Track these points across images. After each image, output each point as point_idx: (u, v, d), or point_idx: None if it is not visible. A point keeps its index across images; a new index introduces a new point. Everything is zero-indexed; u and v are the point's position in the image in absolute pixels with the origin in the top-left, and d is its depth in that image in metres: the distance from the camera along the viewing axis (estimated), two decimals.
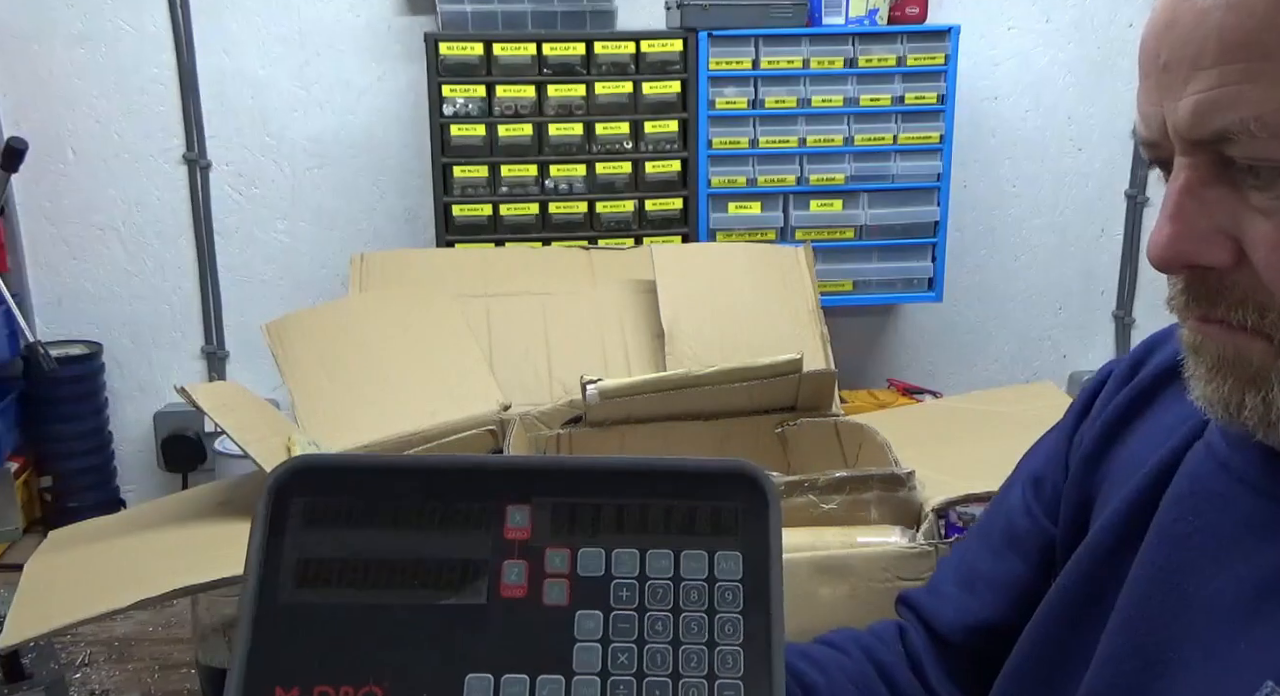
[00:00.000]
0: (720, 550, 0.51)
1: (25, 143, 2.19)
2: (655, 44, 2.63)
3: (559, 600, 0.50)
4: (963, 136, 2.88)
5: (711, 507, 0.52)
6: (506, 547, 0.51)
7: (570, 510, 0.52)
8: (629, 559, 0.51)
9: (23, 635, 1.04)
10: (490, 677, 0.48)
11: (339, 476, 0.52)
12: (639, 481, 0.52)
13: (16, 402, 2.71)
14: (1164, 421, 0.66)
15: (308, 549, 0.50)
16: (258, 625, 0.49)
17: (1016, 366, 3.30)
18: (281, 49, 2.84)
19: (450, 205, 2.63)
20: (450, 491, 0.52)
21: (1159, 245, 0.50)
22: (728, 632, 0.49)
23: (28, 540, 2.69)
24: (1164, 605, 0.57)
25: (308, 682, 0.48)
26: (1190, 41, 0.48)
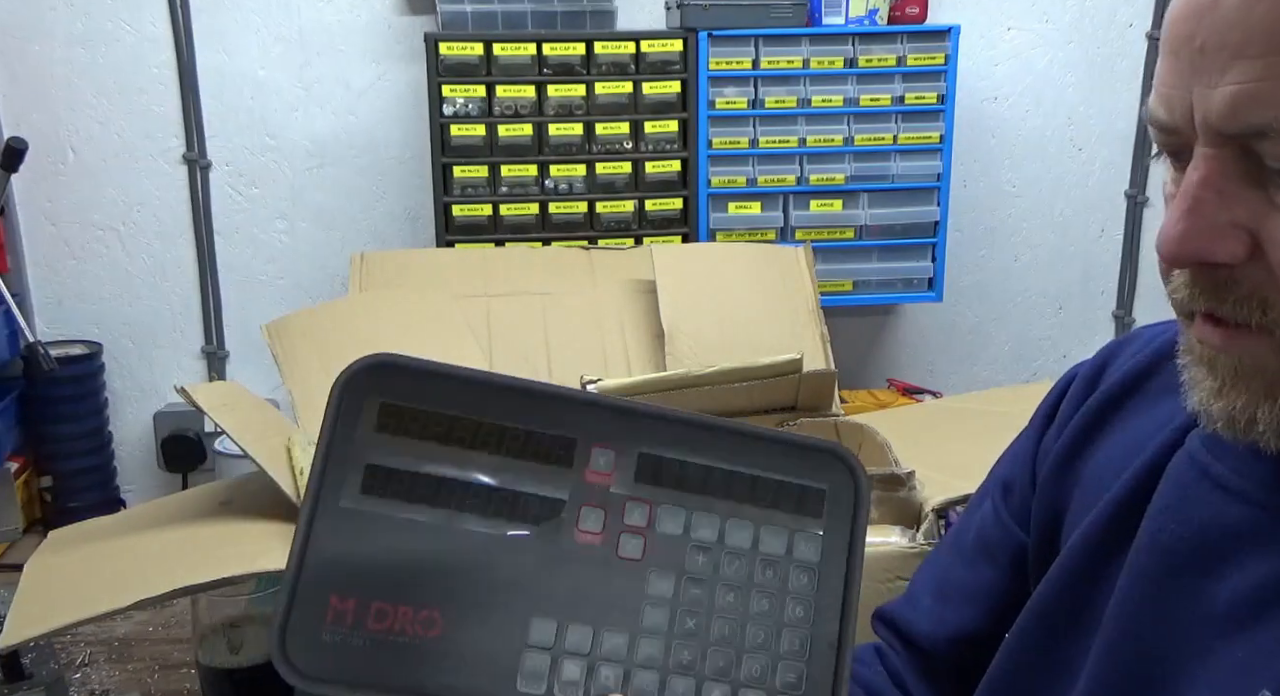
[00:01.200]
0: (801, 530, 0.49)
1: (25, 143, 2.19)
2: (655, 44, 2.63)
3: (633, 554, 0.47)
4: (963, 136, 2.88)
5: (800, 485, 0.50)
6: (586, 491, 0.48)
7: (656, 462, 0.49)
8: (708, 523, 0.48)
9: (23, 635, 1.04)
10: (555, 624, 0.46)
11: (419, 381, 0.48)
12: (731, 444, 0.50)
13: (16, 402, 2.71)
14: (1135, 428, 0.66)
15: (376, 454, 0.47)
16: (317, 525, 0.46)
17: (1016, 366, 3.30)
18: (281, 49, 2.84)
19: (450, 205, 2.63)
20: (537, 418, 0.48)
21: (1173, 239, 0.48)
22: (797, 615, 0.48)
23: (28, 540, 2.69)
24: (1157, 616, 0.57)
25: (365, 596, 0.45)
26: (1236, 27, 0.45)
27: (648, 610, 0.47)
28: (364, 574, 0.46)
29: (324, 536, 0.46)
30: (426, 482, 0.47)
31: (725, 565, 0.48)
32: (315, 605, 0.45)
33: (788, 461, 0.50)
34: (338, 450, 0.47)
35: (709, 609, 0.47)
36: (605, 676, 0.46)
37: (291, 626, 0.45)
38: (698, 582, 0.48)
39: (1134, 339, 0.72)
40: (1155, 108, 0.51)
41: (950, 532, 0.82)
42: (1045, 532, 0.70)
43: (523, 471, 0.48)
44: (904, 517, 1.17)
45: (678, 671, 0.47)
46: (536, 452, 0.48)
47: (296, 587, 0.45)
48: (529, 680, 0.46)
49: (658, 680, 0.47)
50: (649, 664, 0.47)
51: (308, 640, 0.45)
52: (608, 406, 0.49)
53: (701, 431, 0.50)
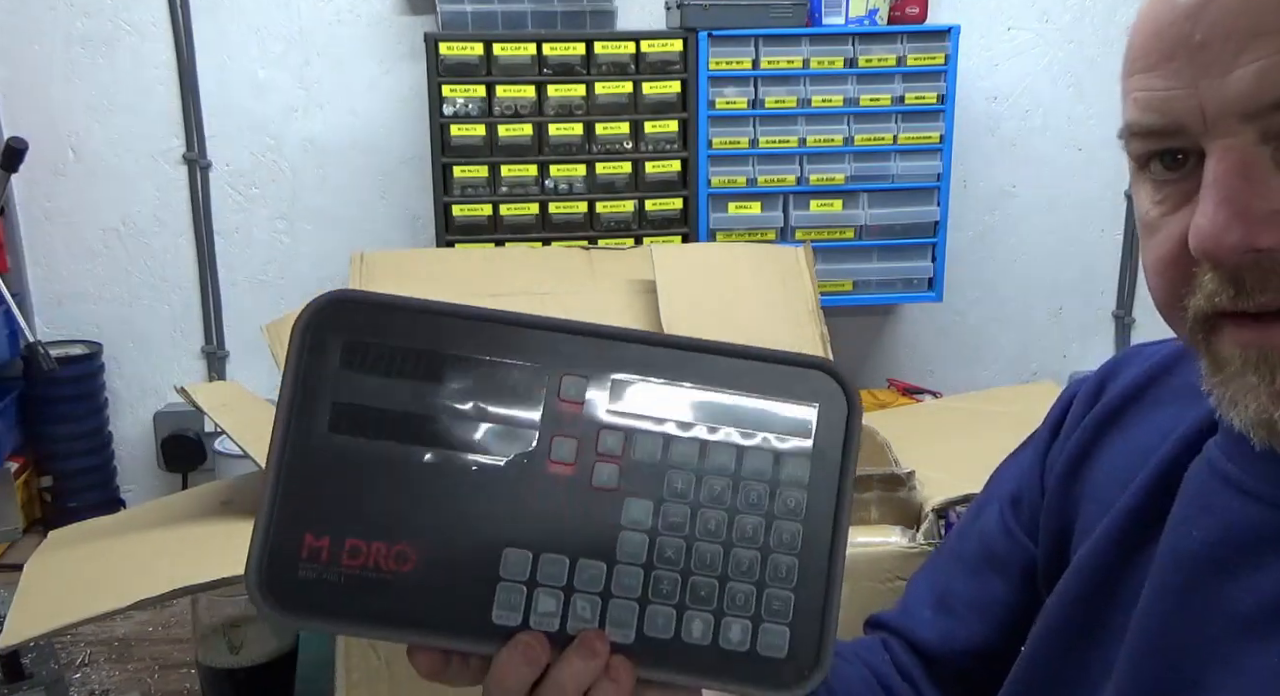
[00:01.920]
0: (788, 452, 0.47)
1: (25, 143, 2.19)
2: (655, 44, 2.62)
3: (609, 483, 0.46)
4: (963, 136, 2.88)
5: (786, 405, 0.47)
6: (558, 419, 0.47)
7: (630, 387, 0.47)
8: (688, 448, 0.46)
9: (23, 635, 1.04)
10: (529, 555, 0.45)
11: (381, 315, 0.47)
12: (710, 364, 0.47)
13: (16, 402, 2.71)
14: (1135, 438, 0.65)
15: (343, 391, 0.46)
16: (288, 466, 0.46)
17: (1016, 366, 3.30)
18: (281, 49, 2.83)
19: (450, 205, 2.63)
20: (504, 347, 0.47)
21: (1215, 230, 0.47)
22: (784, 541, 0.46)
23: (28, 540, 2.69)
24: (1184, 625, 0.56)
25: (339, 533, 0.45)
26: (1241, 14, 0.46)
27: (624, 538, 0.46)
28: (336, 511, 0.45)
29: (295, 475, 0.46)
30: (394, 418, 0.46)
31: (706, 489, 0.46)
32: (290, 543, 0.45)
33: (773, 379, 0.47)
34: (304, 389, 0.46)
35: (690, 535, 0.46)
36: (582, 607, 0.45)
37: (268, 564, 0.45)
38: (677, 508, 0.46)
39: (1134, 356, 0.72)
40: (1144, 115, 0.51)
41: (947, 544, 0.81)
42: (1055, 544, 0.69)
43: (491, 402, 0.46)
44: (904, 518, 1.17)
45: (658, 600, 0.46)
46: (505, 383, 0.47)
47: (271, 526, 0.45)
48: (504, 611, 0.45)
49: (636, 610, 0.46)
50: (628, 593, 0.46)
51: (285, 577, 0.45)
52: (577, 331, 0.48)
53: (677, 353, 0.48)
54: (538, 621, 0.45)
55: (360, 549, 0.45)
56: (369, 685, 0.96)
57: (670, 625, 0.46)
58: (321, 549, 0.45)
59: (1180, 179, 0.51)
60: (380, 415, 0.46)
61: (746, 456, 0.46)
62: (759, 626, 0.46)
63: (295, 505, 0.45)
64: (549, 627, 0.45)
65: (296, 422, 0.46)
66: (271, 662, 1.07)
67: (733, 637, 0.45)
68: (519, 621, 0.45)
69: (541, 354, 0.47)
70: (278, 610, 0.45)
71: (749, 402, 0.47)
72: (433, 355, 0.47)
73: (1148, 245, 0.54)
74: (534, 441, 0.46)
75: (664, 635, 0.46)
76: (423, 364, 0.47)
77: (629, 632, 0.46)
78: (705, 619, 0.45)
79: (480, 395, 0.46)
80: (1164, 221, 0.52)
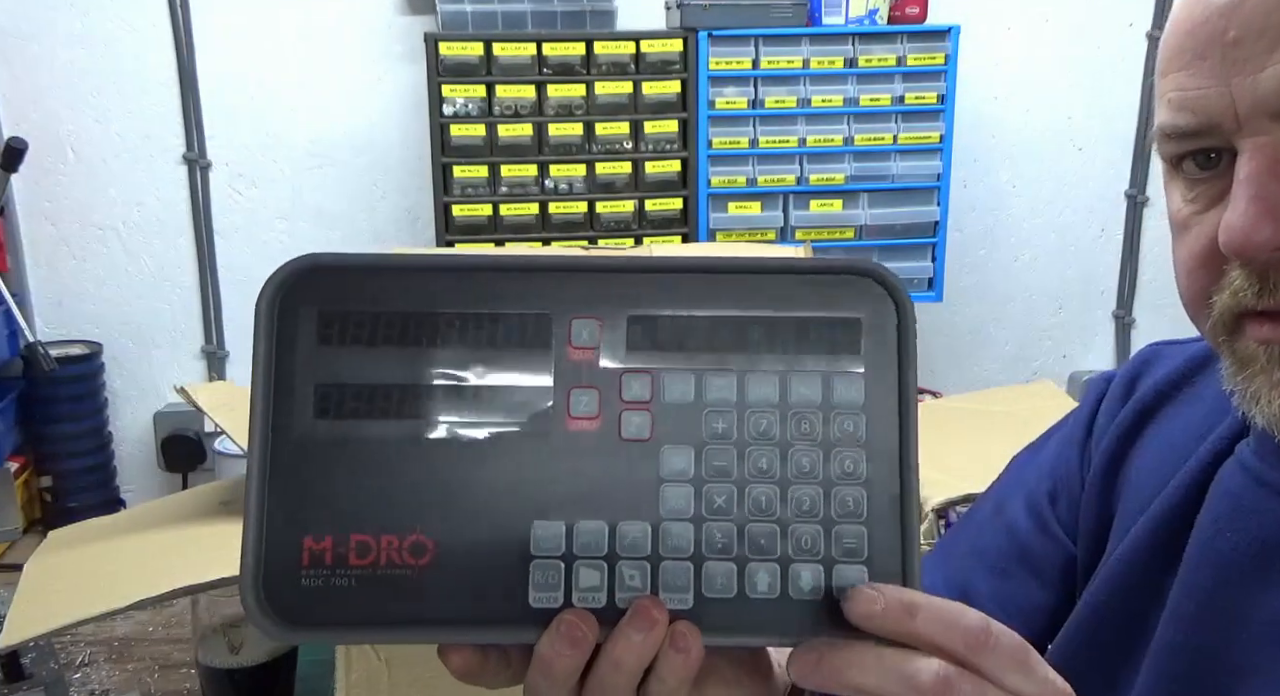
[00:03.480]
0: (838, 371, 0.42)
1: (25, 143, 2.19)
2: (655, 44, 2.63)
3: (640, 434, 0.41)
4: (963, 136, 2.88)
5: (828, 319, 0.42)
6: (573, 370, 0.41)
7: (649, 323, 0.42)
8: (724, 383, 0.42)
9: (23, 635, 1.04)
10: (561, 526, 0.41)
11: (356, 279, 0.42)
12: (735, 287, 0.42)
13: (16, 402, 2.71)
14: (1172, 432, 0.65)
15: (324, 370, 0.41)
16: (273, 464, 0.41)
17: (1016, 366, 3.30)
18: (281, 49, 2.83)
19: (450, 205, 2.63)
20: (499, 297, 0.42)
21: (1245, 227, 0.46)
22: (848, 471, 0.41)
23: (28, 540, 2.69)
24: (1216, 629, 0.55)
25: (342, 531, 0.40)
26: (1277, 8, 0.46)
27: (667, 492, 0.41)
28: (335, 507, 0.41)
29: (282, 473, 0.41)
30: (386, 393, 0.41)
31: (751, 426, 0.41)
32: (287, 551, 0.40)
33: (808, 293, 0.42)
34: (280, 374, 0.41)
35: (740, 479, 0.41)
36: (630, 575, 0.40)
37: (266, 578, 0.40)
38: (722, 451, 0.41)
39: (1163, 352, 0.71)
40: (1177, 116, 0.50)
41: (959, 537, 0.78)
42: (1093, 541, 0.68)
43: (495, 361, 0.41)
44: None
45: (714, 556, 0.41)
46: (507, 337, 0.42)
47: (263, 535, 0.40)
48: (542, 592, 0.40)
49: (691, 570, 0.41)
50: (678, 553, 0.41)
51: (287, 590, 0.40)
52: (580, 268, 0.42)
53: (696, 277, 0.42)
54: (582, 598, 0.40)
55: (369, 545, 0.40)
56: (369, 685, 0.96)
57: (732, 582, 0.41)
58: (324, 551, 0.40)
59: (1213, 178, 0.51)
60: (371, 392, 0.41)
61: (791, 383, 0.41)
62: (832, 569, 0.41)
63: (287, 506, 0.41)
64: (595, 603, 0.40)
65: (276, 413, 0.41)
66: (271, 662, 1.07)
67: (804, 585, 0.41)
68: (560, 601, 0.40)
69: (544, 299, 0.42)
70: (284, 628, 0.40)
71: (785, 322, 0.42)
72: (421, 317, 0.42)
73: (1179, 244, 0.54)
74: (549, 398, 0.41)
75: (726, 594, 0.41)
76: (411, 328, 0.41)
77: (687, 596, 0.41)
78: (770, 569, 0.41)
79: (481, 355, 0.41)
80: (1195, 220, 0.52)
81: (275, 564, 0.40)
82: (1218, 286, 0.51)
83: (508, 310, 0.42)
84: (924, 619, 0.40)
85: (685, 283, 0.42)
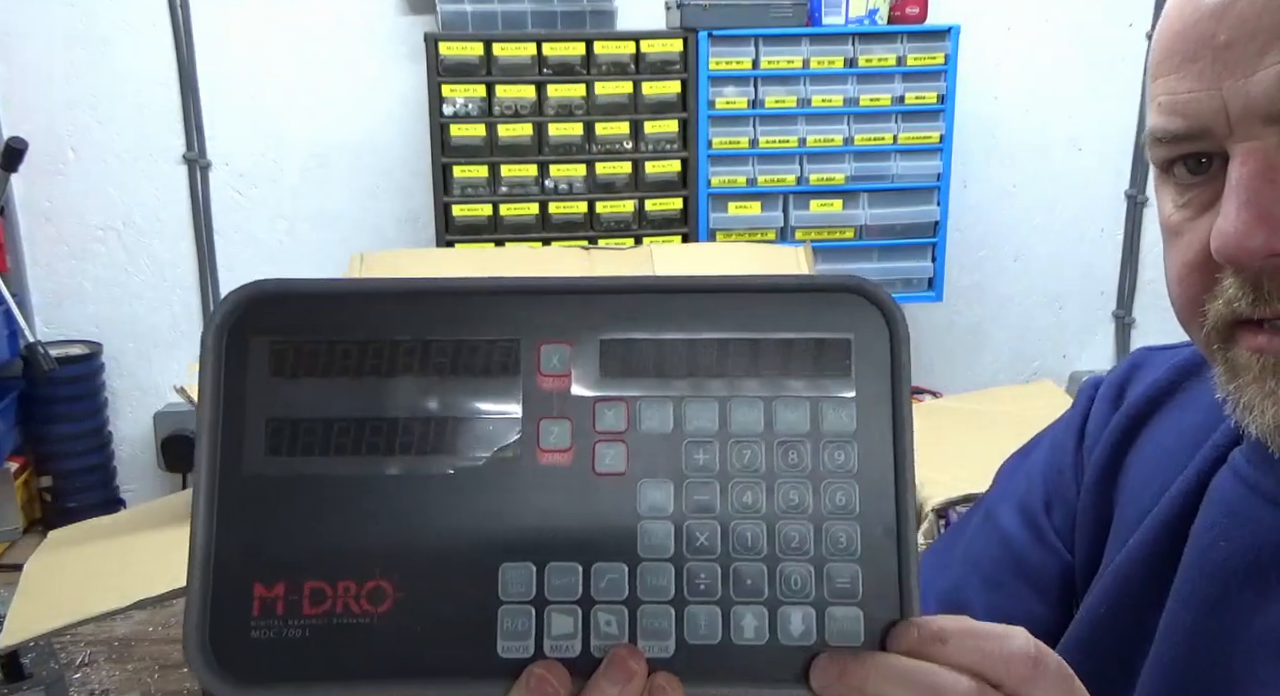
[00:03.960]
0: (827, 396, 0.39)
1: (25, 143, 2.19)
2: (655, 44, 2.63)
3: (615, 467, 0.39)
4: (963, 136, 2.88)
5: (815, 340, 0.40)
6: (543, 399, 0.39)
7: (623, 348, 0.39)
8: (705, 411, 0.39)
9: (23, 635, 1.04)
10: (532, 568, 0.38)
11: (309, 306, 0.39)
12: (716, 307, 0.40)
13: (16, 402, 2.71)
14: (1167, 442, 0.64)
15: (276, 403, 0.39)
16: (221, 505, 0.38)
17: (1016, 366, 3.30)
18: (281, 49, 2.84)
19: (450, 205, 2.63)
20: (462, 323, 0.39)
21: (1237, 233, 0.46)
22: (839, 505, 0.39)
23: (28, 540, 2.69)
24: (1214, 640, 0.55)
25: (295, 577, 0.38)
26: (1267, 10, 0.45)
27: (644, 530, 0.38)
28: (288, 551, 0.38)
29: (231, 514, 0.38)
30: (343, 427, 0.39)
31: (735, 457, 0.39)
32: (235, 599, 0.37)
33: (794, 312, 0.40)
34: (229, 408, 0.39)
35: (723, 514, 0.38)
36: (606, 622, 0.38)
37: (212, 630, 0.37)
38: (703, 485, 0.39)
39: (1150, 358, 0.70)
40: (1168, 120, 0.49)
41: (951, 545, 0.76)
42: (1090, 550, 0.67)
43: (459, 391, 0.39)
44: None
45: (697, 599, 0.38)
46: (471, 365, 0.39)
47: (209, 582, 0.37)
48: (511, 641, 0.38)
49: (672, 615, 0.38)
50: (658, 596, 0.38)
51: (235, 644, 0.37)
52: (550, 290, 0.40)
53: (673, 299, 0.40)
54: (554, 647, 0.38)
55: (324, 592, 0.38)
56: None
57: (716, 626, 0.38)
58: (276, 600, 0.37)
59: (1204, 183, 0.50)
60: (327, 427, 0.39)
61: (777, 410, 0.39)
62: (824, 611, 0.38)
63: (236, 550, 0.38)
64: (568, 653, 0.38)
65: (225, 449, 0.38)
66: None
67: (794, 630, 0.38)
68: (531, 651, 0.38)
69: (510, 324, 0.39)
70: (232, 685, 0.37)
71: (770, 344, 0.39)
72: (379, 345, 0.39)
73: (1171, 250, 0.53)
74: (518, 429, 0.39)
75: (710, 640, 0.38)
76: (369, 357, 0.39)
77: (667, 643, 0.38)
78: (758, 612, 0.38)
79: (444, 384, 0.39)
80: (1187, 226, 0.51)
81: (223, 614, 0.37)
82: (1210, 294, 0.50)
83: (472, 336, 0.39)
84: (957, 647, 0.38)
85: (662, 303, 0.40)
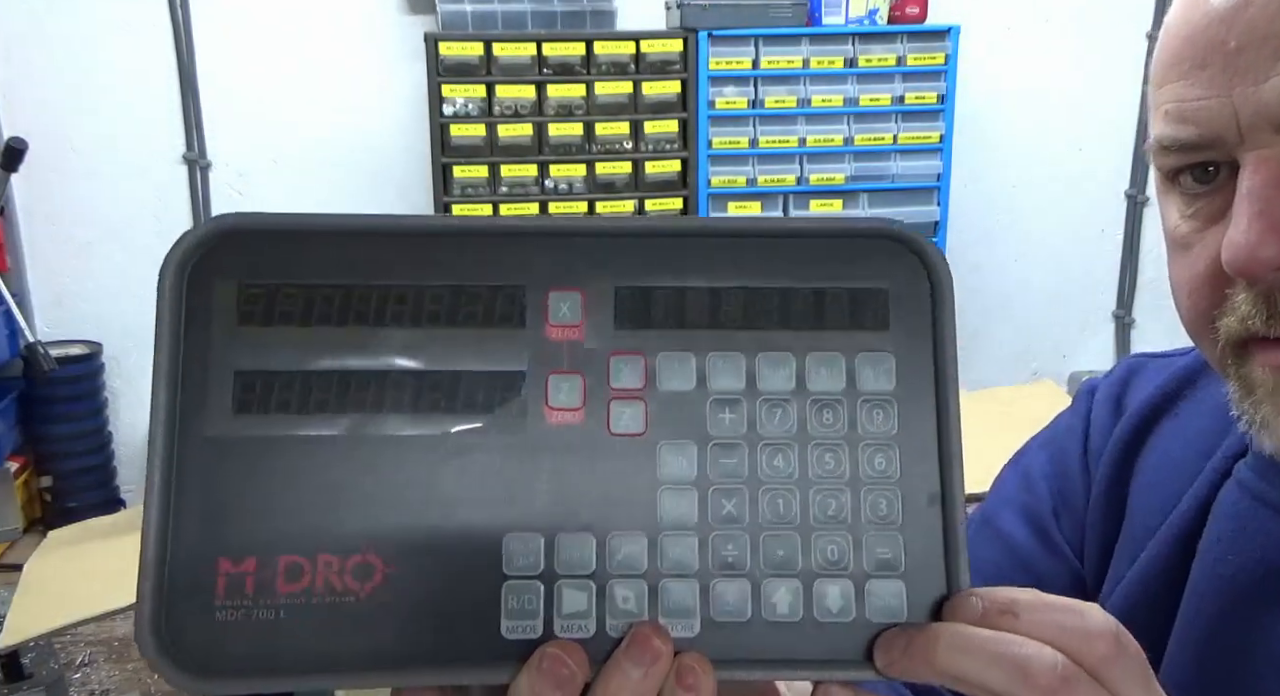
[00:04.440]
0: (864, 351, 0.36)
1: (25, 143, 2.19)
2: (655, 44, 2.63)
3: (632, 428, 0.35)
4: (963, 136, 2.88)
5: (850, 290, 0.36)
6: (551, 352, 0.35)
7: (641, 296, 0.36)
8: (731, 366, 0.35)
9: (23, 635, 1.04)
10: (539, 538, 0.34)
11: (287, 245, 0.35)
12: (742, 252, 0.36)
13: (16, 402, 2.71)
14: (1171, 453, 0.63)
15: (246, 355, 0.34)
16: (180, 469, 0.33)
17: (1016, 366, 3.30)
18: (282, 49, 2.84)
19: (450, 205, 2.63)
20: (462, 266, 0.35)
21: (1249, 245, 0.44)
22: (878, 469, 0.35)
23: (28, 540, 2.68)
24: (1224, 655, 0.54)
25: (267, 550, 0.33)
26: (1277, 17, 0.43)
27: (665, 498, 0.35)
28: (258, 521, 0.33)
29: (192, 480, 0.33)
30: (324, 382, 0.34)
31: (764, 418, 0.35)
32: (198, 576, 0.33)
33: (825, 259, 0.36)
34: (189, 360, 0.34)
35: (752, 481, 0.35)
36: (624, 598, 0.34)
37: (169, 612, 0.32)
38: (729, 449, 0.35)
39: (1146, 365, 0.68)
40: (1177, 128, 0.48)
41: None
42: (1100, 561, 0.66)
43: (457, 343, 0.35)
44: None
45: (724, 573, 0.35)
46: (471, 314, 0.35)
47: (166, 556, 0.33)
48: (516, 621, 0.34)
49: (696, 590, 0.34)
50: (681, 570, 0.34)
51: (196, 627, 0.32)
52: (559, 232, 0.36)
53: (696, 243, 0.36)
54: (565, 626, 0.34)
55: (301, 568, 0.33)
56: None
57: (745, 603, 0.34)
58: (244, 577, 0.33)
59: (1212, 192, 0.49)
60: (304, 382, 0.34)
61: (809, 366, 0.36)
62: (864, 585, 0.35)
63: (199, 521, 0.33)
64: (582, 632, 0.34)
65: (185, 407, 0.34)
66: None
67: (831, 605, 0.35)
68: (540, 631, 0.34)
69: (517, 268, 0.35)
70: (192, 676, 0.32)
71: (801, 294, 0.36)
72: (366, 290, 0.34)
73: (1178, 263, 0.51)
74: (522, 386, 0.35)
75: (739, 618, 0.34)
76: (353, 304, 0.34)
77: (692, 622, 0.34)
78: (791, 587, 0.35)
79: (440, 335, 0.35)
80: (1195, 238, 0.49)
81: (182, 593, 0.33)
82: (1221, 309, 0.48)
83: (473, 281, 0.35)
84: (1030, 621, 0.34)
85: (683, 248, 0.36)
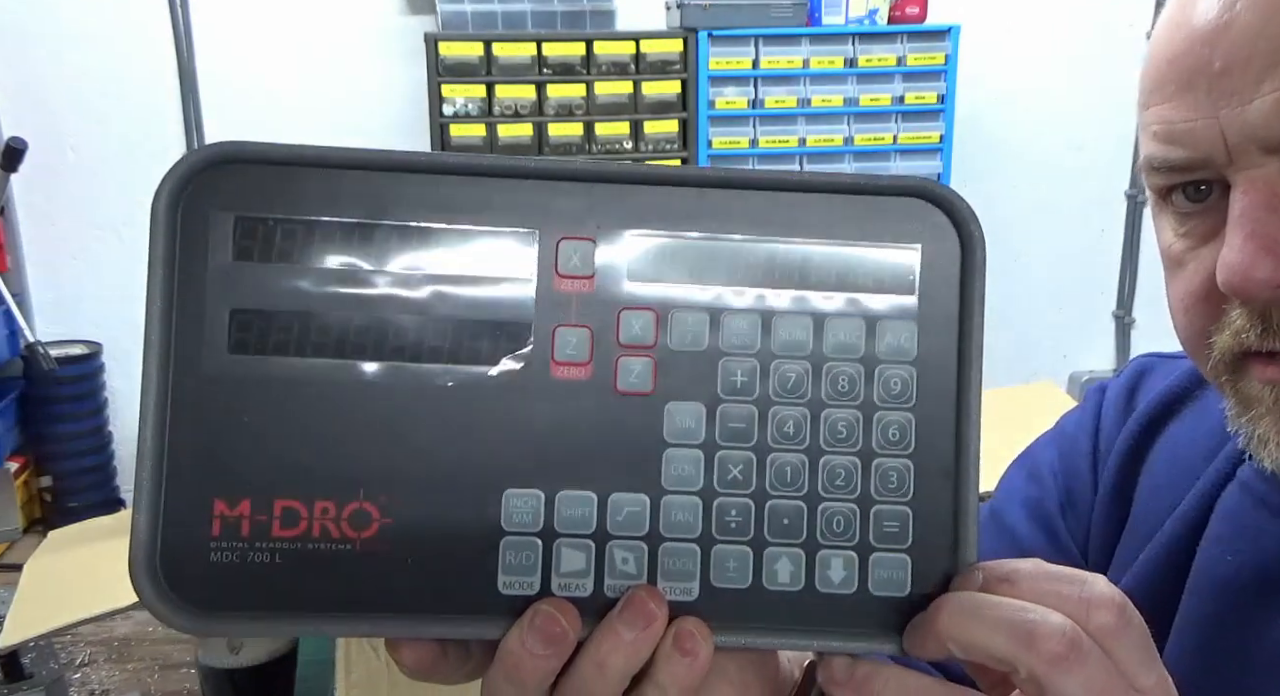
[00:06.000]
0: (886, 316, 0.35)
1: (25, 143, 2.19)
2: (655, 44, 2.63)
3: (640, 385, 0.34)
4: (963, 136, 2.88)
5: (874, 249, 0.35)
6: (559, 304, 0.34)
7: (656, 248, 0.34)
8: (746, 325, 0.34)
9: (23, 635, 1.04)
10: (539, 495, 0.33)
11: (287, 177, 0.34)
12: (762, 205, 0.34)
13: (16, 402, 2.71)
14: (1177, 453, 0.63)
15: (243, 293, 0.33)
16: (174, 410, 0.32)
17: (1016, 366, 3.30)
18: (282, 49, 2.84)
19: None
20: (470, 208, 0.34)
21: (1243, 265, 0.44)
22: (892, 438, 0.34)
23: (28, 540, 2.69)
24: (1222, 657, 0.54)
25: (263, 493, 0.32)
26: (1263, 36, 0.44)
27: (670, 458, 0.34)
28: (254, 464, 0.32)
29: (187, 420, 0.32)
30: (323, 323, 0.33)
31: (777, 377, 0.34)
32: (193, 517, 0.32)
33: (852, 217, 0.35)
34: (184, 296, 0.33)
35: (760, 444, 0.34)
36: (623, 559, 0.34)
37: (164, 553, 0.32)
38: (739, 409, 0.34)
39: (1158, 364, 0.69)
40: (1166, 149, 0.48)
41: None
42: (1103, 559, 0.66)
43: (462, 289, 0.34)
44: None
45: (727, 538, 0.34)
46: (477, 259, 0.34)
47: (161, 497, 0.32)
48: (513, 576, 0.33)
49: (698, 554, 0.34)
50: (683, 533, 0.34)
51: (191, 568, 0.32)
52: (574, 177, 0.34)
53: (714, 194, 0.34)
54: (563, 584, 0.33)
55: (298, 513, 0.32)
56: (369, 685, 0.96)
57: (747, 569, 0.34)
58: (240, 519, 0.32)
59: (1204, 211, 0.49)
60: (303, 321, 0.33)
61: (828, 326, 0.34)
62: (869, 558, 0.34)
63: (193, 462, 0.32)
64: (578, 591, 0.33)
65: (179, 345, 0.32)
66: (271, 662, 1.07)
67: (833, 577, 0.34)
68: (536, 588, 0.33)
69: (526, 213, 0.34)
70: (187, 615, 0.32)
71: (823, 252, 0.34)
72: (368, 228, 0.33)
73: (1173, 280, 0.51)
74: (529, 338, 0.34)
75: (739, 584, 0.34)
76: (355, 241, 0.33)
77: (691, 586, 0.34)
78: (794, 556, 0.34)
79: (444, 279, 0.34)
80: (1190, 256, 0.50)
81: (176, 534, 0.32)
82: (1217, 325, 0.49)
83: (480, 225, 0.34)
84: (1030, 589, 0.34)
85: (701, 199, 0.34)
